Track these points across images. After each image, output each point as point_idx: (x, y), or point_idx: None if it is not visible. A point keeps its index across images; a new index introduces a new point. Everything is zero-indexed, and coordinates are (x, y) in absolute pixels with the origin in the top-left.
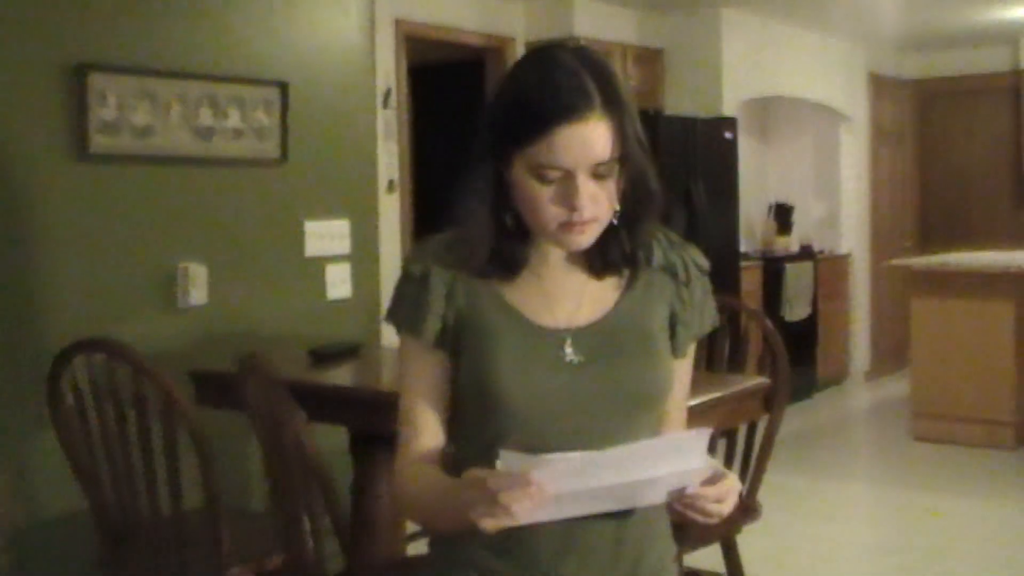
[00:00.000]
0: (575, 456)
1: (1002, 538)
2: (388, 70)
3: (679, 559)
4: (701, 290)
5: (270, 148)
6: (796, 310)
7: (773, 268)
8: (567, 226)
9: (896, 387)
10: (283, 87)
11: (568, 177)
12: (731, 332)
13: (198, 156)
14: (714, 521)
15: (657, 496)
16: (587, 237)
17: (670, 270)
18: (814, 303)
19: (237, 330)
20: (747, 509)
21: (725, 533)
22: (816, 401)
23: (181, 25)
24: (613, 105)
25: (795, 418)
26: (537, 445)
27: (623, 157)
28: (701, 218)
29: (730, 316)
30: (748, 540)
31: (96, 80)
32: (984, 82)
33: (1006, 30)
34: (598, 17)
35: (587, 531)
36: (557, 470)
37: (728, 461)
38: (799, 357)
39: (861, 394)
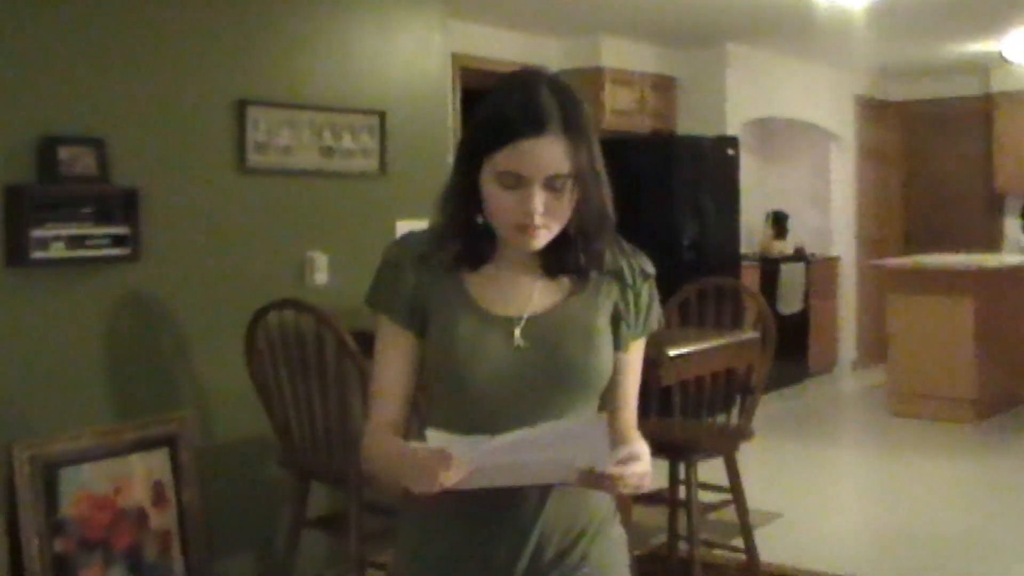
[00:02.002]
0: (486, 438)
1: (960, 491)
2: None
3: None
4: (647, 294)
5: (372, 164)
6: (790, 305)
7: (770, 268)
8: (521, 228)
9: (880, 376)
10: (382, 115)
11: (525, 185)
12: (733, 304)
13: (321, 170)
14: (628, 492)
15: (567, 475)
16: (539, 241)
17: (618, 275)
18: (806, 300)
19: (351, 304)
20: (744, 432)
21: (727, 452)
22: (807, 386)
23: (310, 68)
24: (571, 128)
25: (788, 400)
26: (488, 418)
27: (575, 175)
28: (707, 224)
29: (732, 293)
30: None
31: (252, 111)
32: (959, 105)
33: (978, 60)
34: (621, 50)
35: (505, 499)
36: (477, 449)
37: (731, 393)
38: (792, 347)
39: (847, 381)
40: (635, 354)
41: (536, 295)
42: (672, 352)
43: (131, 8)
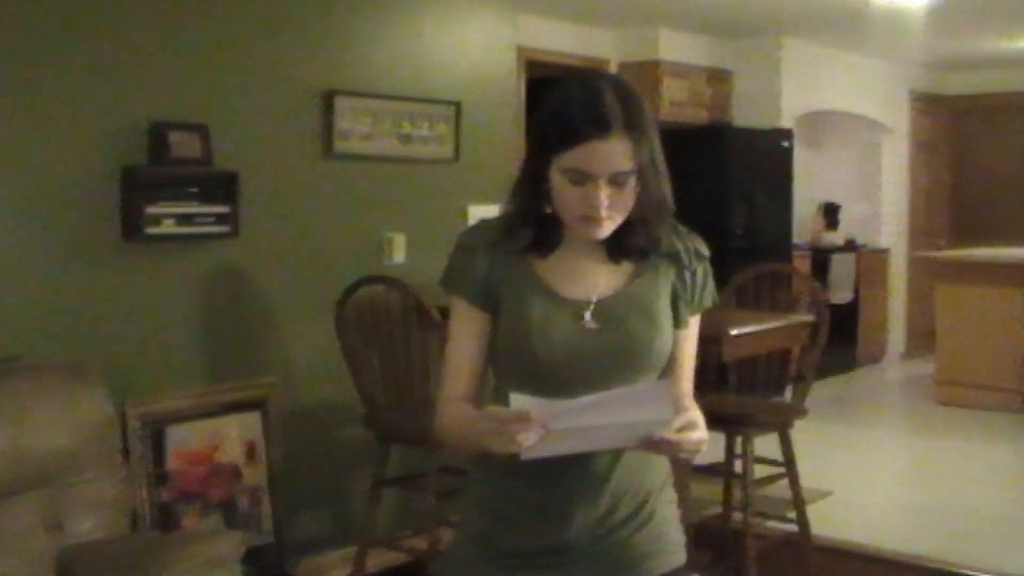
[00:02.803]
0: (566, 401)
1: (1004, 473)
2: None
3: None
4: (702, 273)
5: (447, 151)
6: (840, 295)
7: (820, 258)
8: (587, 220)
9: (928, 366)
10: (457, 105)
11: (591, 181)
12: (787, 288)
13: (400, 156)
14: (686, 456)
15: (632, 439)
16: (603, 231)
17: (675, 256)
18: (856, 290)
19: (425, 281)
20: (798, 409)
21: (782, 427)
22: (856, 375)
23: (391, 61)
24: (634, 128)
25: (837, 388)
26: (557, 394)
27: (638, 170)
28: (760, 213)
29: (787, 278)
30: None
31: (339, 101)
32: (1011, 99)
33: None
34: (678, 43)
35: (579, 464)
36: (552, 410)
37: (785, 372)
38: (841, 336)
39: (896, 370)
40: (691, 330)
41: (602, 279)
42: (733, 331)
43: (232, 6)
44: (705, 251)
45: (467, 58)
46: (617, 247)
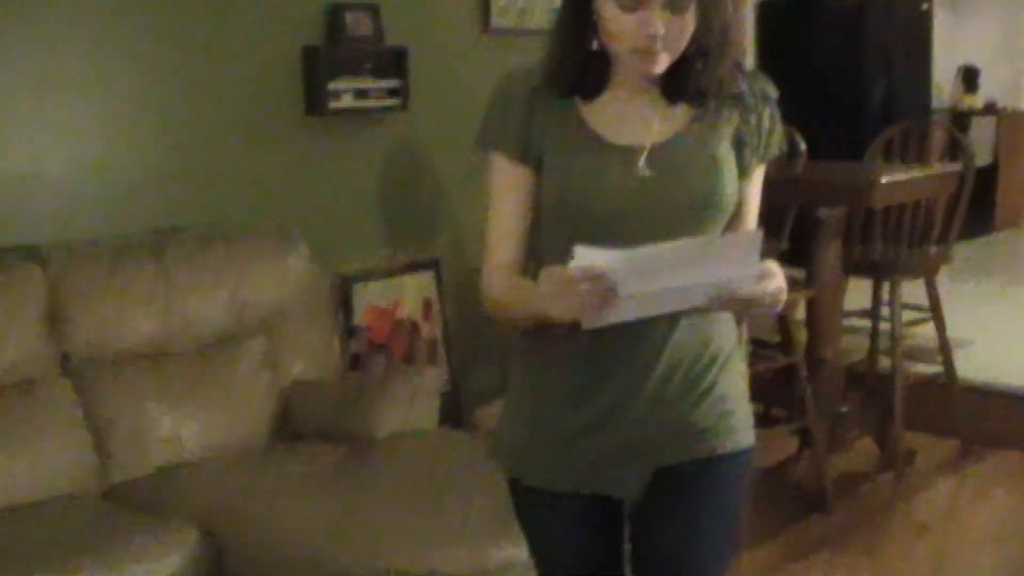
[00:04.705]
0: (641, 250)
1: None
2: None
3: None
4: (768, 117)
5: None
6: (979, 159)
7: (960, 122)
8: (641, 52)
9: None
10: None
11: (645, 6)
12: (932, 142)
13: None
14: (763, 311)
15: (704, 298)
16: (659, 65)
17: (739, 99)
18: (995, 154)
19: None
20: (944, 256)
21: (928, 273)
22: (994, 238)
23: None
24: None
25: (975, 250)
26: None
27: None
28: (898, 80)
29: (932, 131)
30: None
31: None
32: None
33: None
34: None
35: (633, 330)
36: (625, 263)
37: (930, 225)
38: (980, 200)
39: None
40: (756, 181)
41: (656, 123)
42: (884, 179)
43: None
44: (773, 92)
45: None
46: (673, 86)
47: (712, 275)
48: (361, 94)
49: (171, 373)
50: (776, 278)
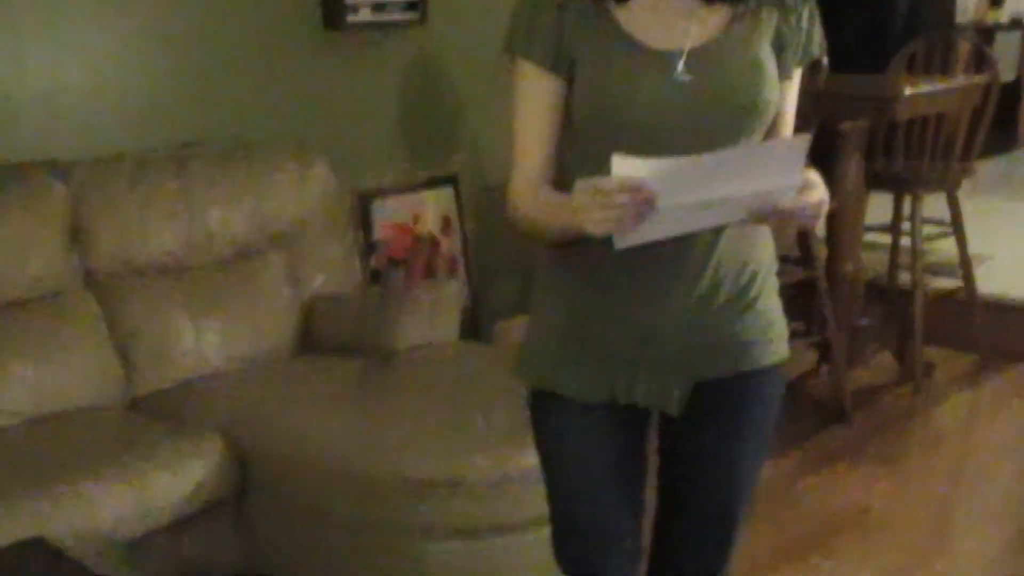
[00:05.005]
0: (683, 158)
1: None
2: None
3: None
4: (807, 17)
5: None
6: (1002, 75)
7: (984, 37)
8: None
9: None
10: None
11: None
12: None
13: None
14: (804, 223)
15: (746, 211)
16: None
17: None
18: (1020, 70)
19: None
20: (967, 169)
21: (950, 187)
22: (1016, 154)
23: None
24: None
25: (997, 166)
26: None
27: None
28: None
29: (956, 45)
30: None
31: None
32: None
33: None
34: None
35: (676, 240)
36: (665, 172)
37: (953, 139)
38: (1003, 117)
39: None
40: (795, 83)
41: (694, 24)
42: (908, 91)
43: None
44: None
45: None
46: None
47: (754, 186)
48: (379, 7)
49: (194, 286)
50: (818, 189)
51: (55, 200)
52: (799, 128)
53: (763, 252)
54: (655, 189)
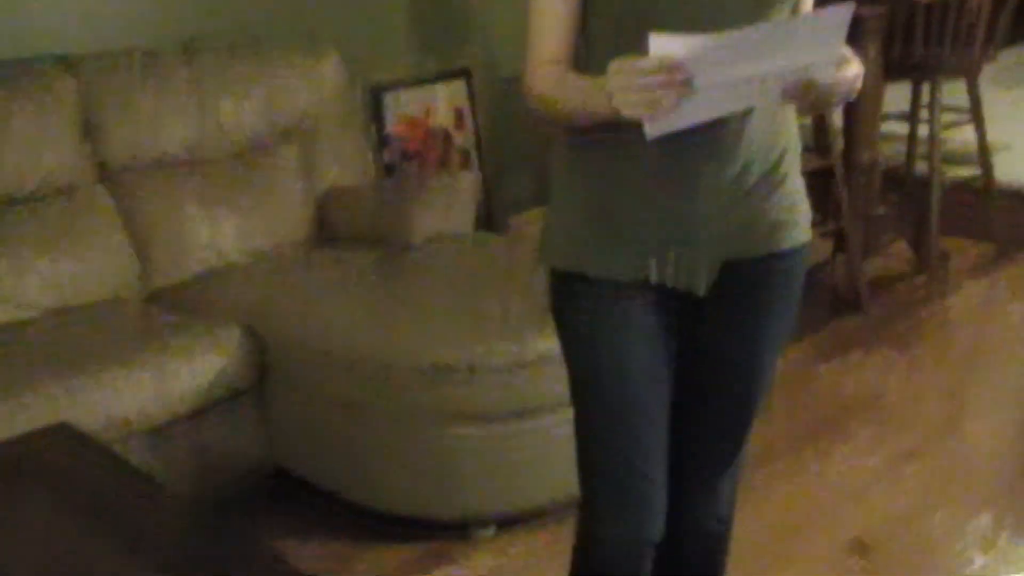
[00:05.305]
0: (722, 34)
1: None
2: None
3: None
4: None
5: None
6: None
7: None
8: None
9: None
10: None
11: None
12: None
13: None
14: (838, 100)
15: (787, 87)
16: None
17: None
18: None
19: None
20: (987, 54)
21: (969, 73)
22: None
23: None
24: None
25: (1016, 56)
26: None
27: None
28: None
29: None
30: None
31: None
32: None
33: None
34: None
35: (717, 123)
36: (704, 50)
37: (975, 26)
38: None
39: None
40: None
41: None
42: None
43: None
44: None
45: None
46: None
47: (794, 60)
48: None
49: (207, 180)
50: (854, 64)
51: (65, 94)
52: None
53: (789, 132)
54: (693, 68)
